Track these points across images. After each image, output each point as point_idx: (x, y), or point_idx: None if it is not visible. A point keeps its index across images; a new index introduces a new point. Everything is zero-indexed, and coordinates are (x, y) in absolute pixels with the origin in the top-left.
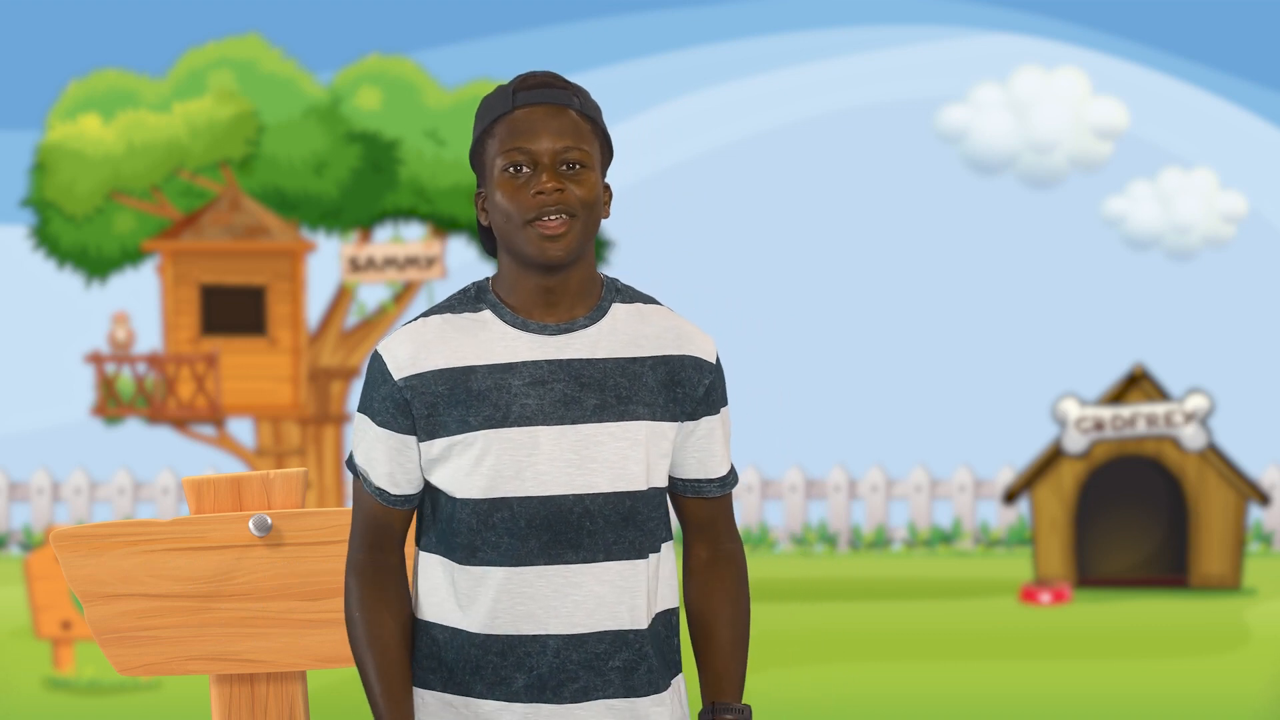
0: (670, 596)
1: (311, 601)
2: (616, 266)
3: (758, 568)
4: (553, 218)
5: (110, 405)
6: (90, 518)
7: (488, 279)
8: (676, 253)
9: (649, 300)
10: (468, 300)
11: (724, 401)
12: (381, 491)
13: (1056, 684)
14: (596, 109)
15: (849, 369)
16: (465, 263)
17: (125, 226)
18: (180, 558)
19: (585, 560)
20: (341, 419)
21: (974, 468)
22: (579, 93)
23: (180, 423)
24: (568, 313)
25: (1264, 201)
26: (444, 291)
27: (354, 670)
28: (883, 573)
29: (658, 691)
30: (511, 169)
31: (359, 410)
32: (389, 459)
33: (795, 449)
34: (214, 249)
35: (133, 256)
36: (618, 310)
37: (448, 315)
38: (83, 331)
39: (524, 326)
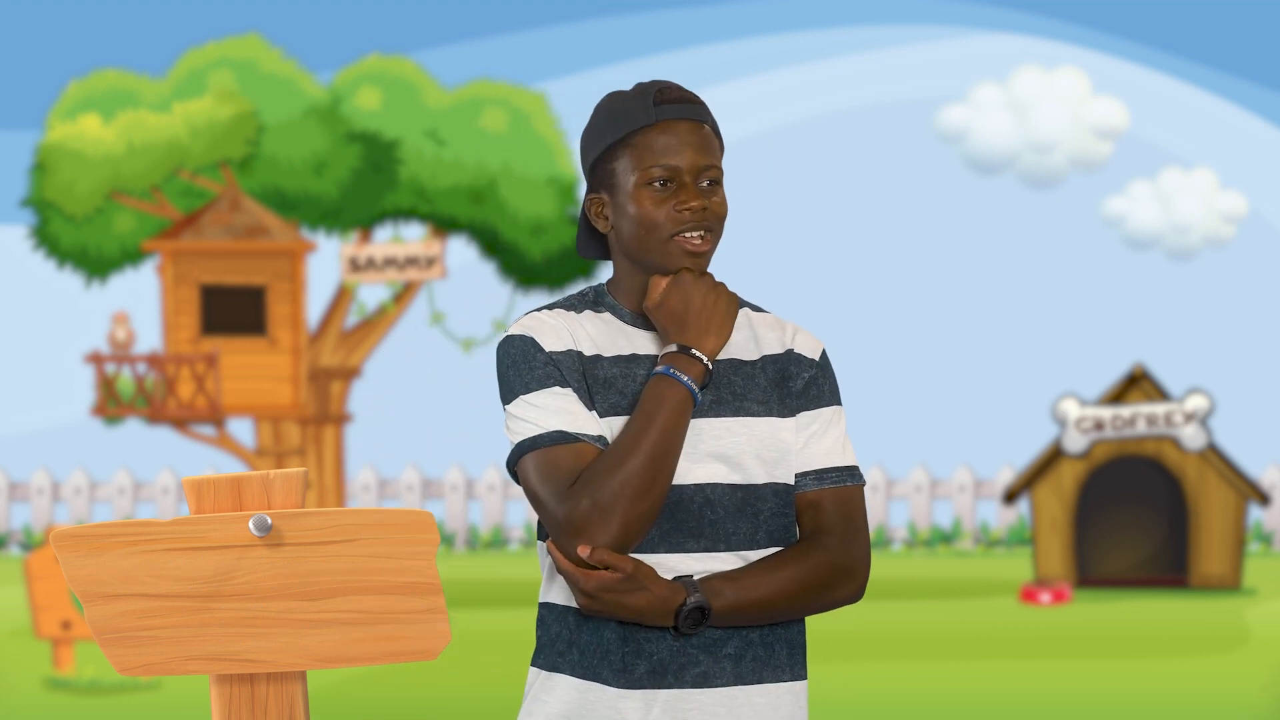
0: None
1: (311, 601)
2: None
3: None
4: (697, 234)
5: (110, 405)
6: (90, 518)
7: (603, 284)
8: None
9: (756, 308)
10: (586, 301)
11: (829, 400)
12: (583, 435)
13: (1056, 684)
14: (715, 122)
15: (848, 369)
16: (465, 263)
17: (125, 226)
18: (180, 558)
19: (705, 549)
20: (342, 419)
21: (974, 468)
22: (707, 108)
23: (180, 423)
24: None
25: (1264, 201)
26: (444, 291)
27: (354, 670)
28: (883, 573)
29: (767, 682)
30: (657, 183)
31: (517, 397)
32: (572, 409)
33: None
34: (214, 249)
35: (133, 256)
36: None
37: (568, 312)
38: (83, 331)
39: (645, 326)
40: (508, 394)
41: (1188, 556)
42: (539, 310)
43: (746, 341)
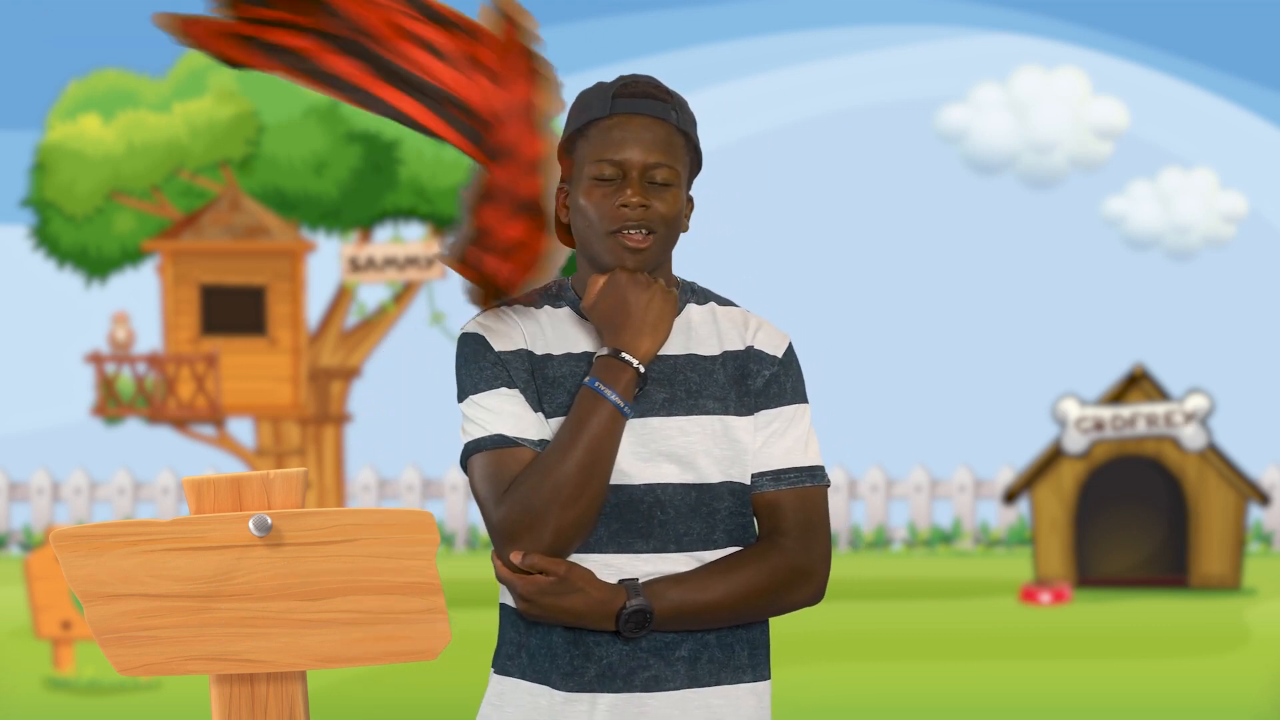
0: None
1: (311, 601)
2: None
3: None
4: (634, 231)
5: (110, 405)
6: (90, 518)
7: (567, 278)
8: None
9: (724, 302)
10: (547, 295)
11: (791, 398)
12: (522, 439)
13: (1056, 684)
14: (692, 122)
15: (849, 369)
16: None
17: (125, 226)
18: (180, 558)
19: (655, 550)
20: (341, 419)
21: (974, 468)
22: (677, 105)
23: (180, 423)
24: None
25: (1264, 201)
26: (444, 291)
27: (354, 670)
28: (883, 573)
29: (726, 684)
30: (601, 175)
31: (467, 396)
32: (514, 412)
33: None
34: (214, 249)
35: (133, 256)
36: (692, 311)
37: (526, 307)
38: (83, 331)
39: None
40: (460, 393)
41: (1188, 556)
42: (498, 306)
43: (709, 337)
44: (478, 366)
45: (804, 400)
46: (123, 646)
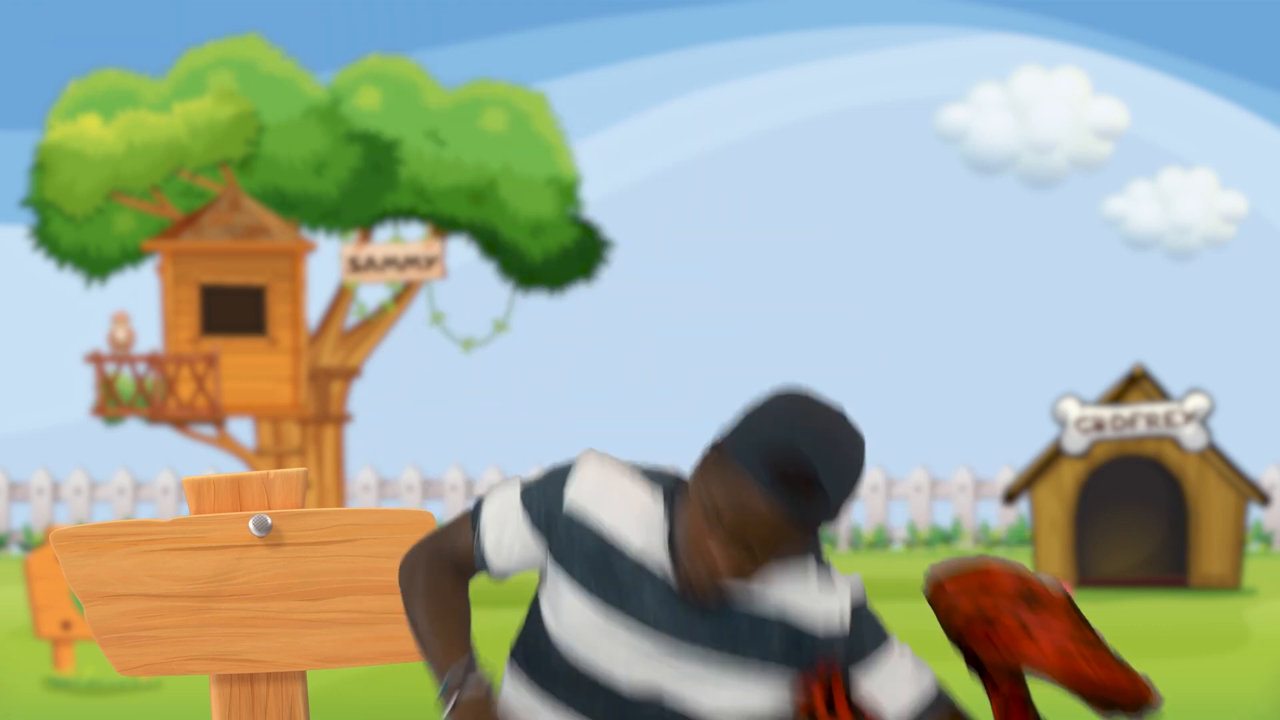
0: None
1: (311, 601)
2: (617, 266)
3: None
4: (706, 582)
5: (110, 405)
6: (90, 518)
7: (684, 484)
8: (676, 252)
9: (796, 561)
10: (666, 493)
11: (877, 642)
12: (486, 555)
13: None
14: (833, 518)
15: (849, 369)
16: (465, 263)
17: (125, 226)
18: (180, 558)
19: None
20: (342, 419)
21: (974, 468)
22: (836, 509)
23: (180, 423)
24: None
25: (1264, 201)
26: (444, 291)
27: (354, 670)
28: (883, 573)
29: None
30: (721, 527)
31: (521, 480)
32: (509, 534)
33: None
34: (214, 249)
35: (133, 256)
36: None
37: (641, 486)
38: (83, 331)
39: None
40: (524, 479)
41: (1188, 556)
42: (633, 470)
43: (775, 599)
44: (547, 487)
45: (886, 639)
46: (123, 646)
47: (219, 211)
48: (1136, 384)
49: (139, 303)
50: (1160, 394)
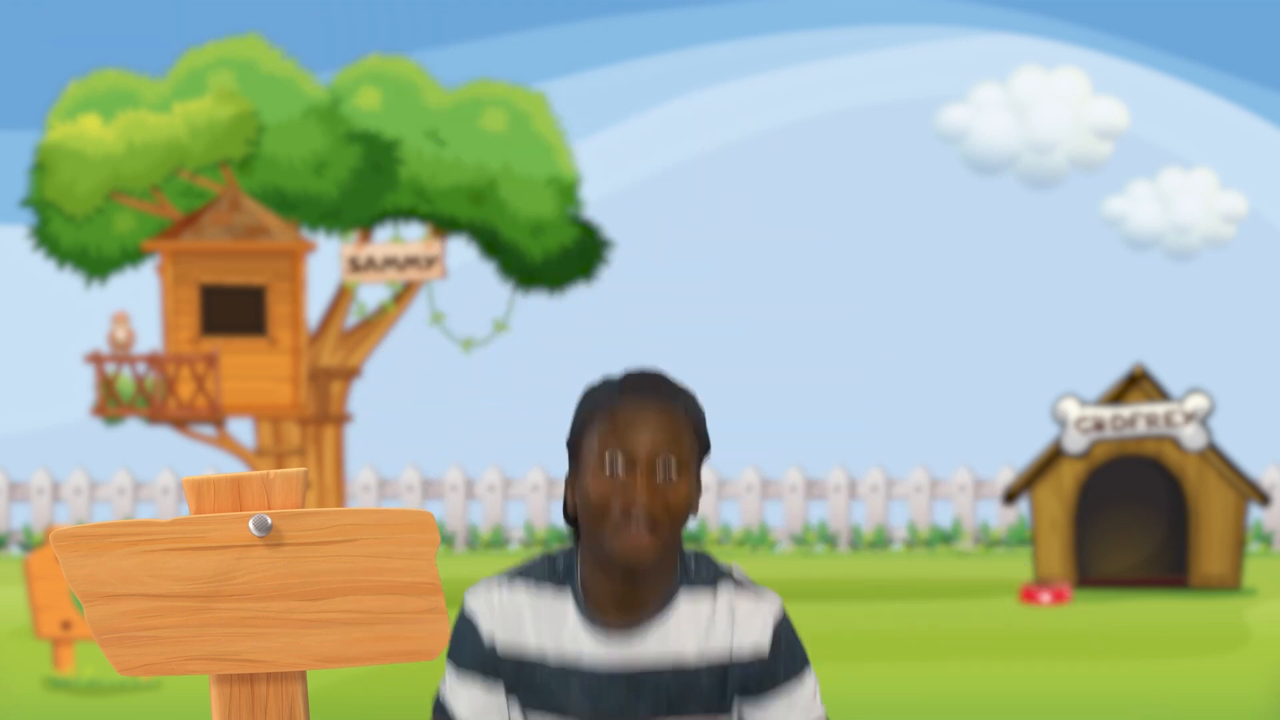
0: None
1: (311, 601)
2: (617, 266)
3: (758, 568)
4: (638, 535)
5: (110, 405)
6: (90, 518)
7: (575, 553)
8: (676, 252)
9: (713, 579)
10: (555, 574)
11: (790, 674)
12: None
13: (1056, 684)
14: (700, 414)
15: (849, 369)
16: (465, 263)
17: (125, 226)
18: (180, 558)
19: None
20: (341, 419)
21: (974, 468)
22: (685, 396)
23: (180, 423)
24: (637, 612)
25: (1264, 201)
26: (444, 291)
27: (354, 670)
28: (883, 573)
29: None
30: (609, 461)
31: (450, 663)
32: (470, 698)
33: (795, 449)
34: (214, 249)
35: (133, 256)
36: (682, 606)
37: (532, 590)
38: (83, 331)
39: (593, 622)
40: (448, 653)
41: (1188, 556)
42: (509, 582)
43: (691, 636)
44: (460, 650)
45: (802, 668)
46: (123, 646)
47: (219, 211)
48: (1136, 384)
49: (139, 303)
50: (1160, 394)
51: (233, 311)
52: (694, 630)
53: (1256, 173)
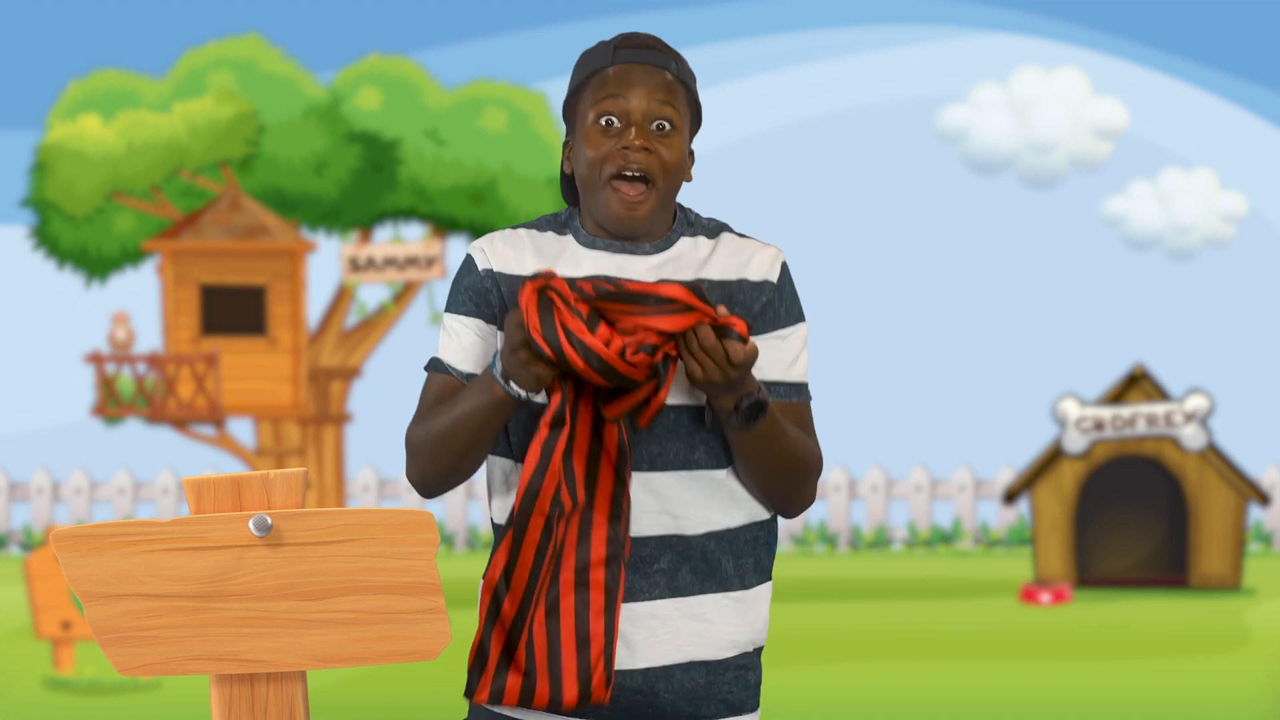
0: (739, 512)
1: (311, 601)
2: None
3: None
4: (633, 186)
5: (110, 405)
6: (90, 518)
7: (575, 209)
8: None
9: (716, 230)
10: (556, 223)
11: (790, 319)
12: (452, 368)
13: (1056, 684)
14: (692, 76)
15: (848, 369)
16: None
17: (125, 226)
18: (180, 558)
19: (633, 469)
20: (341, 419)
21: (974, 468)
22: (677, 58)
23: (180, 423)
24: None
25: (1264, 201)
26: (444, 291)
27: (354, 670)
28: (883, 573)
29: (708, 593)
30: (603, 121)
31: (445, 310)
32: (462, 341)
33: None
34: (214, 249)
35: (133, 256)
36: (683, 243)
37: (534, 231)
38: (83, 331)
39: (592, 245)
40: (446, 302)
41: (1188, 556)
42: (511, 228)
43: (696, 263)
44: (457, 286)
45: (799, 320)
46: (123, 646)
47: (219, 211)
48: (1136, 384)
49: (139, 303)
50: (1160, 394)
51: (233, 311)
52: (694, 260)
53: (1256, 173)
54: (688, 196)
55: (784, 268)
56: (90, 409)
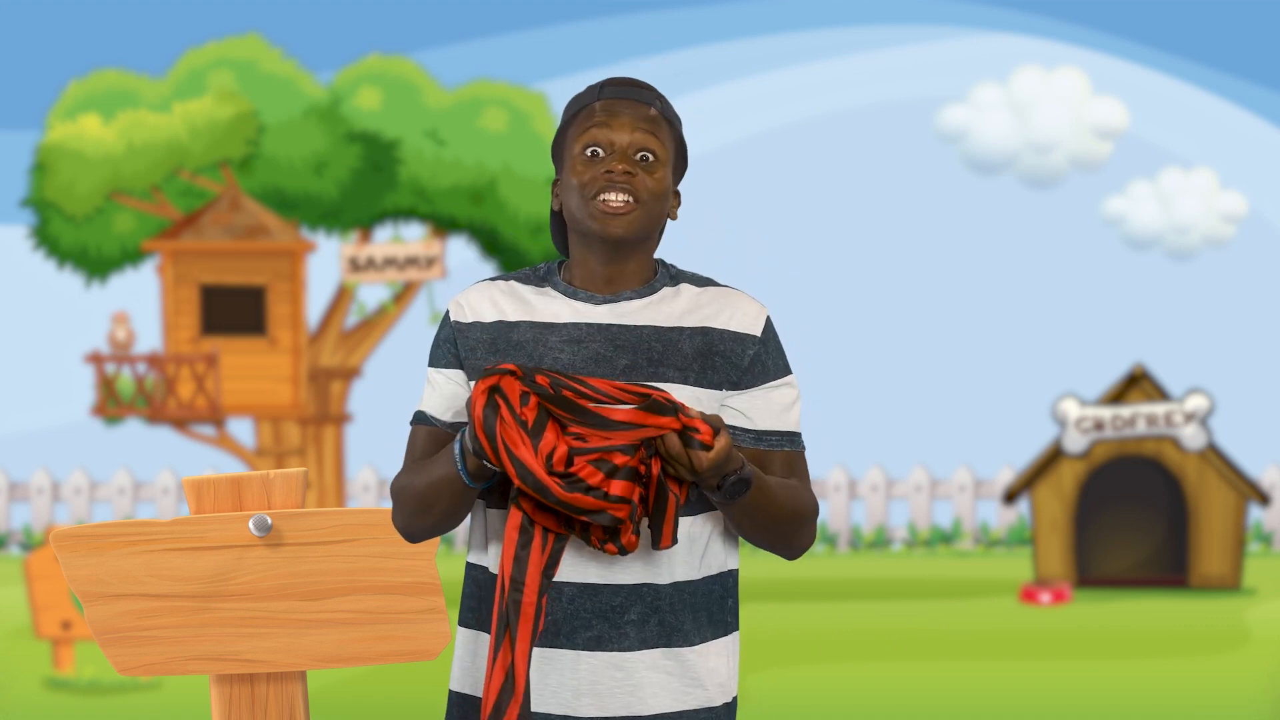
0: (718, 560)
1: (311, 601)
2: None
3: (758, 568)
4: (617, 196)
5: (110, 405)
6: (90, 518)
7: (555, 263)
8: (676, 252)
9: (702, 282)
10: (535, 276)
11: (778, 372)
12: (434, 419)
13: (1056, 684)
14: (678, 118)
15: (848, 369)
16: (465, 262)
17: (125, 226)
18: (180, 558)
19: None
20: (341, 419)
21: (974, 468)
22: (662, 98)
23: (180, 423)
24: (619, 289)
25: (1264, 201)
26: (443, 292)
27: (354, 670)
28: (883, 573)
29: (674, 647)
30: (589, 151)
31: (428, 365)
32: (443, 392)
33: None
34: (214, 249)
35: (133, 256)
36: (665, 290)
37: (514, 283)
38: (83, 331)
39: (573, 295)
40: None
41: (1188, 556)
42: (490, 279)
43: (678, 311)
44: (436, 341)
45: (787, 373)
46: (123, 646)
47: (219, 211)
48: (1136, 384)
49: (139, 303)
50: (1160, 394)
51: (233, 311)
52: (677, 308)
53: (1256, 173)
54: (688, 197)
55: (768, 323)
56: (90, 409)
